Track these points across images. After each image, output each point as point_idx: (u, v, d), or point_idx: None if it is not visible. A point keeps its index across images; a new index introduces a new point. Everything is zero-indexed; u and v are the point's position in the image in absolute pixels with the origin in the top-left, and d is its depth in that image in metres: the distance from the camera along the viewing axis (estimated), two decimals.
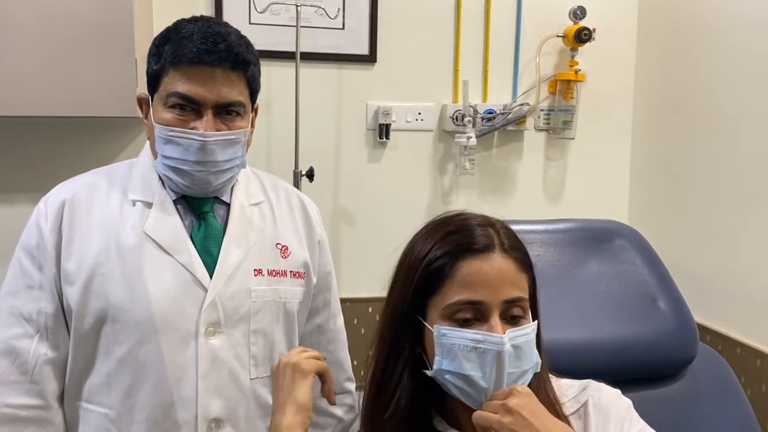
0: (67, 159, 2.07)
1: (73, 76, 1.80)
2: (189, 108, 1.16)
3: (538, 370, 0.99)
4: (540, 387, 1.01)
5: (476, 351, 0.94)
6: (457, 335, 0.95)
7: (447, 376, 0.97)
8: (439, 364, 0.96)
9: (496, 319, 0.94)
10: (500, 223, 1.03)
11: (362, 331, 2.19)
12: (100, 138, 2.10)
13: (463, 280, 0.96)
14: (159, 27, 1.22)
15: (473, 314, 0.95)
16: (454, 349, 0.95)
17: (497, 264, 0.96)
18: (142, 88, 1.77)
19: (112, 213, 1.21)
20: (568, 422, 1.00)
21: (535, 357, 0.98)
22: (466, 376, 0.94)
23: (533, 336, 0.98)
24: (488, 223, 1.02)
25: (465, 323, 0.95)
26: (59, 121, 2.04)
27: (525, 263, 1.00)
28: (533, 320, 1.01)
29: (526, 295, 0.98)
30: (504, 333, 0.93)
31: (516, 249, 1.00)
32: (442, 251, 0.98)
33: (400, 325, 1.01)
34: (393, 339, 1.02)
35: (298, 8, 2.06)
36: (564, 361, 1.09)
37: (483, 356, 0.94)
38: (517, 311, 0.96)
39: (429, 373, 0.98)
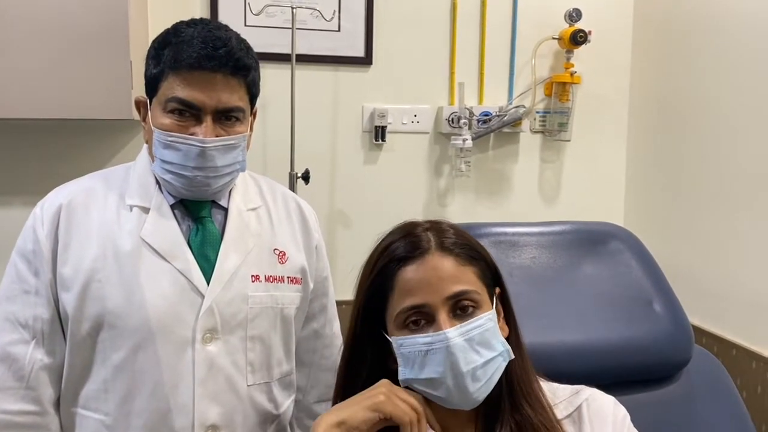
0: (62, 161, 2.06)
1: (67, 78, 1.79)
2: (188, 113, 1.15)
3: (511, 357, 0.99)
4: (528, 385, 1.01)
5: (429, 353, 0.95)
6: (411, 342, 0.96)
7: (415, 385, 0.98)
8: (403, 374, 0.98)
9: (442, 318, 0.95)
10: (446, 224, 1.04)
11: None
12: (94, 140, 2.09)
13: (403, 288, 0.98)
14: (154, 29, 1.22)
15: (423, 318, 0.97)
16: (411, 357, 0.97)
17: (433, 264, 0.97)
18: (137, 91, 1.78)
19: (109, 218, 1.20)
20: (560, 426, 1.00)
21: (500, 345, 0.98)
22: (428, 380, 0.96)
23: (489, 326, 0.97)
24: (429, 227, 1.03)
25: (417, 329, 0.97)
26: (54, 124, 2.03)
27: (469, 256, 1.00)
28: (501, 310, 1.01)
29: (473, 287, 0.98)
30: (450, 328, 0.94)
31: (456, 245, 1.00)
32: (385, 261, 1.00)
33: (359, 338, 1.02)
34: (352, 354, 1.04)
35: (294, 10, 2.06)
36: (559, 364, 1.09)
37: (436, 356, 0.95)
38: (466, 304, 0.97)
39: (400, 383, 0.99)
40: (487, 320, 0.97)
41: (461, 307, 0.97)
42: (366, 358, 1.02)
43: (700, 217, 2.10)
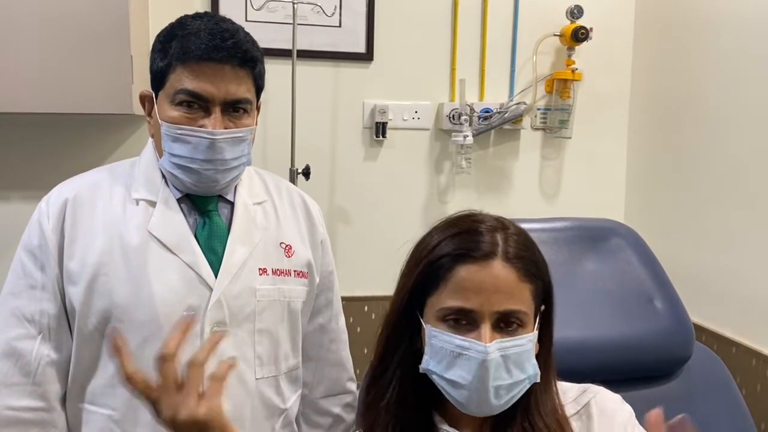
0: (63, 156, 2.06)
1: (68, 73, 1.78)
2: (197, 105, 1.14)
3: (537, 381, 0.97)
4: (547, 404, 1.00)
5: (462, 357, 0.93)
6: (445, 339, 0.95)
7: (434, 377, 0.97)
8: (427, 364, 0.97)
9: (485, 327, 0.93)
10: (514, 228, 1.01)
11: (358, 330, 2.18)
12: (95, 135, 2.08)
13: (457, 285, 0.95)
14: (154, 24, 1.22)
15: (465, 320, 0.95)
16: (441, 352, 0.95)
17: (495, 272, 0.94)
18: (138, 85, 1.78)
19: (115, 212, 1.19)
20: (569, 425, 1.00)
21: (531, 369, 0.96)
22: (451, 380, 0.95)
23: (528, 347, 0.96)
24: (499, 227, 0.99)
25: (456, 326, 0.95)
26: (54, 118, 2.03)
27: (530, 272, 0.97)
28: (542, 330, 0.99)
29: (524, 307, 0.96)
30: (491, 342, 0.92)
31: (521, 258, 0.97)
32: (444, 252, 0.97)
33: (399, 318, 1.01)
34: (391, 332, 1.03)
35: (295, 6, 2.05)
36: (559, 360, 1.09)
37: (468, 363, 0.93)
38: (512, 321, 0.95)
39: (420, 368, 0.98)
40: (528, 341, 0.96)
41: (507, 323, 0.95)
42: (405, 336, 1.01)
43: (701, 215, 2.10)
